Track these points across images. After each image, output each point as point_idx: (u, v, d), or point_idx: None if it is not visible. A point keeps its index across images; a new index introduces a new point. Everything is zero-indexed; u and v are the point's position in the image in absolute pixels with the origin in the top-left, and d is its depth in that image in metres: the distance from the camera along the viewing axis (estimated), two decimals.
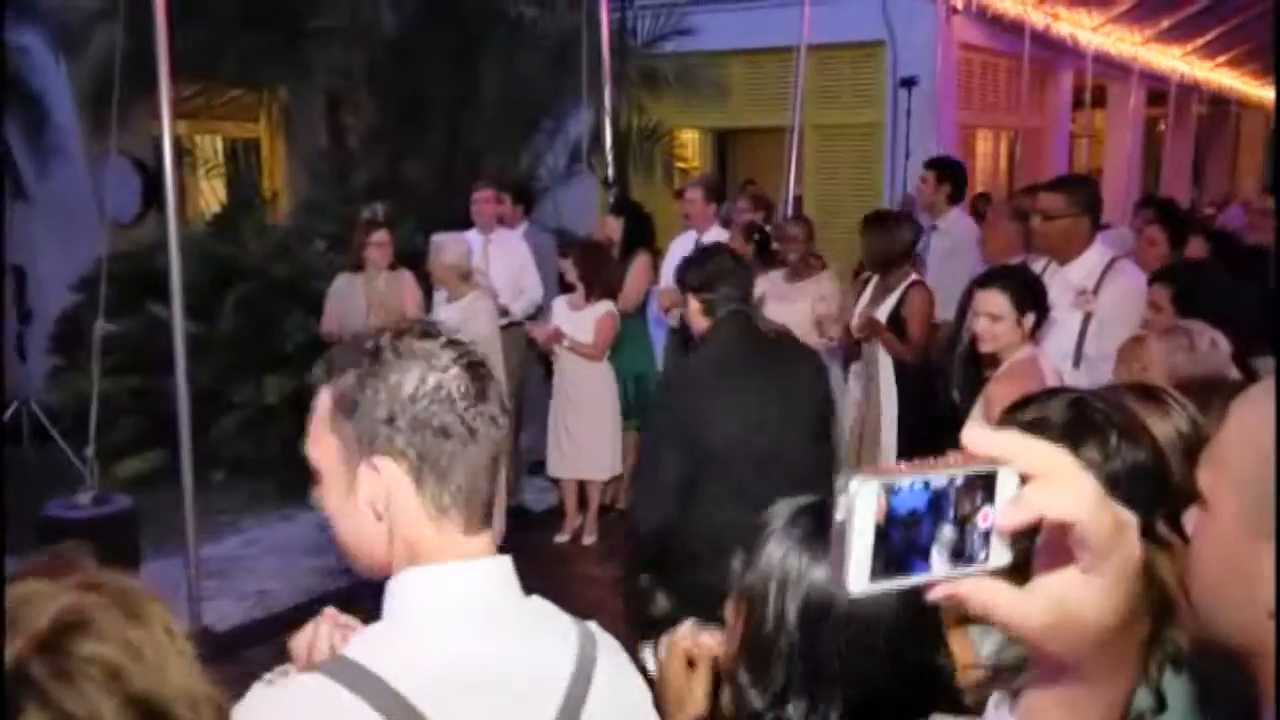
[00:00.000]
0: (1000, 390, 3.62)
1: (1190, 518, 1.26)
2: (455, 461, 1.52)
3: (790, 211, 9.14)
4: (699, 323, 4.13)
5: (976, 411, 3.93)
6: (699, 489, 3.80)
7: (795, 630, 1.55)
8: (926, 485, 0.84)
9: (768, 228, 7.85)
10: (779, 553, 1.59)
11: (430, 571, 1.53)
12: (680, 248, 7.77)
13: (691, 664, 1.92)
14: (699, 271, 4.19)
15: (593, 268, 7.31)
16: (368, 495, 1.54)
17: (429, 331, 1.57)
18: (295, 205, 11.33)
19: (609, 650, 1.68)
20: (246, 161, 12.28)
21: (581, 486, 7.66)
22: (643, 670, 1.92)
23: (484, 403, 1.54)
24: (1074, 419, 2.00)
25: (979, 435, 0.87)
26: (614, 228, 7.99)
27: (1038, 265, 5.13)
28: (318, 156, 11.42)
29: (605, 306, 7.31)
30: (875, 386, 6.23)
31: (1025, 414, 2.09)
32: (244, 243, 9.55)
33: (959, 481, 0.85)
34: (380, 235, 7.33)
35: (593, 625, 1.71)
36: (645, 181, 11.97)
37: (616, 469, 7.63)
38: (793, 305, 6.80)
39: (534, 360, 8.17)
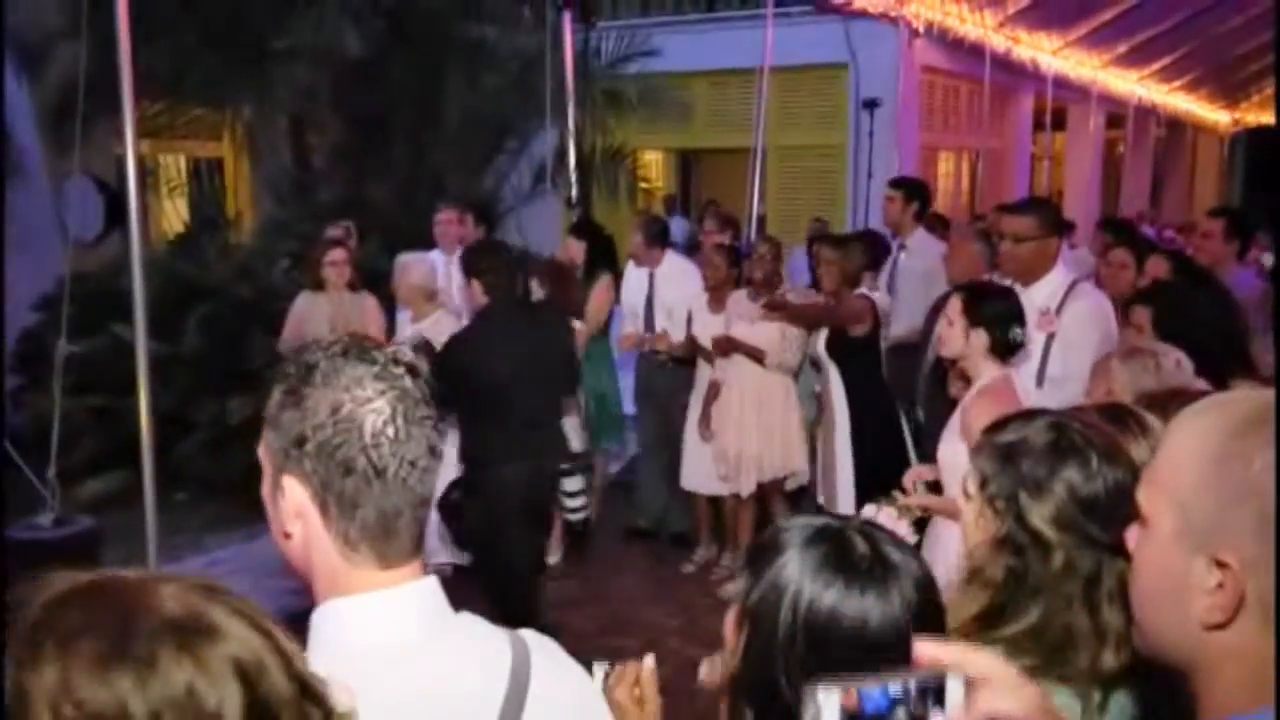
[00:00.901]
0: (977, 410, 3.62)
1: (1131, 535, 1.29)
2: (361, 498, 1.48)
3: (754, 232, 9.17)
4: (481, 300, 5.49)
5: (953, 433, 3.93)
6: (478, 414, 5.26)
7: (803, 657, 1.49)
8: (887, 693, 0.97)
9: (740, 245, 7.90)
10: (794, 573, 1.53)
11: (350, 603, 1.50)
12: (635, 282, 7.93)
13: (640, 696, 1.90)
14: (480, 262, 5.56)
15: (558, 287, 7.24)
16: (279, 511, 1.53)
17: (369, 357, 1.51)
18: (259, 225, 11.29)
19: (545, 656, 1.65)
20: (210, 181, 12.21)
21: None
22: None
23: (403, 443, 1.49)
24: (1055, 441, 2.02)
25: (930, 648, 0.99)
26: (576, 250, 7.93)
27: None
28: (281, 176, 11.39)
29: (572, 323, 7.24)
30: (829, 414, 6.28)
31: (1005, 435, 2.10)
32: (207, 262, 9.53)
33: (913, 688, 0.97)
34: (335, 254, 7.28)
35: (527, 633, 1.67)
36: (609, 202, 12.00)
37: (580, 486, 7.50)
38: (758, 325, 6.81)
39: None
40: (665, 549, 7.60)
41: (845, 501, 5.90)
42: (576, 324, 7.21)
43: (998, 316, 3.95)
